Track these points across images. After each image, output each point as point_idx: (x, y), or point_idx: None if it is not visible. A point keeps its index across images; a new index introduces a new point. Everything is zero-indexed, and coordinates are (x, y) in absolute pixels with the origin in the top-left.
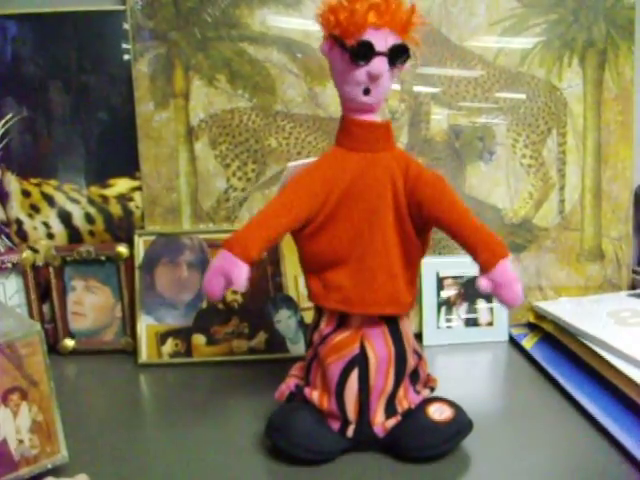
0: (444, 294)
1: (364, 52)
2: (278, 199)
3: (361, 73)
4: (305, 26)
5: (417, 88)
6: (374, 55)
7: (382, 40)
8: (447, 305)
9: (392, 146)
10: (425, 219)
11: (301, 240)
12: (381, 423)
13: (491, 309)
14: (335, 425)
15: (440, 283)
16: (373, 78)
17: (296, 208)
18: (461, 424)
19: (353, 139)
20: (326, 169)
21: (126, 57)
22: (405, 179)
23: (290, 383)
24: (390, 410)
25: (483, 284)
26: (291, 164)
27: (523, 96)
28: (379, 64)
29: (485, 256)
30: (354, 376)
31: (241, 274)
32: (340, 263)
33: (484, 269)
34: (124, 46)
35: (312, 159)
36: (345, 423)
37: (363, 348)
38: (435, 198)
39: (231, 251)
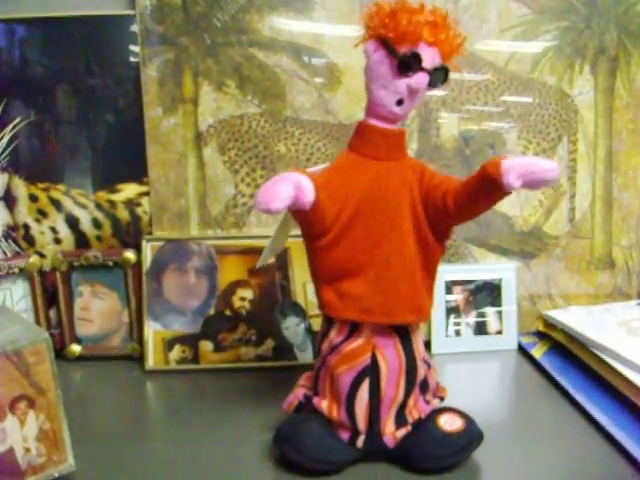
0: (453, 302)
1: (413, 64)
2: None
3: (402, 83)
4: (315, 31)
5: (427, 94)
6: (419, 69)
7: (430, 57)
8: (456, 313)
9: (406, 154)
10: (442, 211)
11: (317, 250)
12: (391, 433)
13: (500, 317)
14: (345, 435)
15: (449, 291)
16: (412, 91)
17: (327, 207)
18: (472, 435)
19: (371, 146)
20: (344, 175)
21: (134, 61)
22: (420, 184)
23: (298, 393)
24: (400, 420)
25: (511, 181)
26: (310, 170)
27: (534, 103)
28: (421, 79)
29: (489, 171)
30: (365, 386)
31: (311, 187)
32: (358, 272)
33: (497, 177)
34: (132, 49)
35: (324, 165)
36: (355, 433)
37: (374, 358)
38: (444, 181)
39: (297, 172)
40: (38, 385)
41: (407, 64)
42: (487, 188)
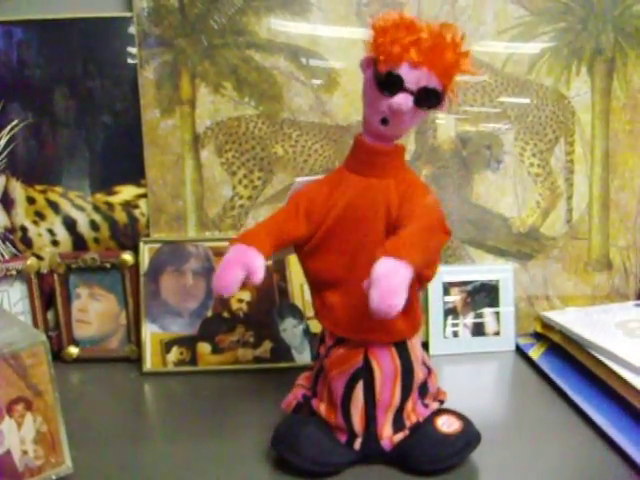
0: (450, 303)
1: (391, 85)
2: (284, 207)
3: (383, 103)
4: (312, 33)
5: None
6: (400, 90)
7: (414, 79)
8: (453, 314)
9: (398, 171)
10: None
11: (302, 257)
12: (388, 437)
13: (497, 318)
14: (342, 438)
15: (446, 292)
16: (393, 112)
17: (301, 216)
18: (470, 436)
19: (357, 162)
20: (328, 188)
21: (131, 63)
22: (399, 209)
23: (297, 393)
24: (398, 424)
25: (365, 282)
26: (298, 179)
27: (531, 104)
28: (403, 101)
29: (379, 252)
30: (359, 389)
31: (261, 265)
32: (334, 284)
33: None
34: (129, 51)
35: (319, 177)
36: (352, 436)
37: (367, 361)
38: (405, 215)
39: (245, 242)
40: (35, 387)
41: (385, 84)
42: None
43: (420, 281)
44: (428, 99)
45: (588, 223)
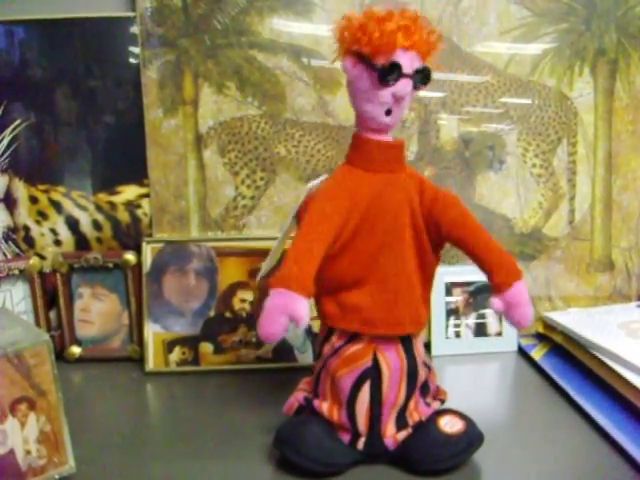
0: (452, 304)
1: (393, 73)
2: (312, 225)
3: (387, 94)
4: (315, 33)
5: (427, 97)
6: (401, 76)
7: (409, 62)
8: (456, 315)
9: (405, 166)
10: (444, 239)
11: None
12: (392, 436)
13: (500, 319)
14: (345, 437)
15: (449, 292)
16: (398, 99)
17: (331, 231)
18: (472, 437)
19: (371, 160)
20: (347, 191)
21: (134, 62)
22: (421, 199)
23: (299, 396)
24: (401, 422)
25: (497, 305)
26: (310, 185)
27: (533, 105)
28: (405, 86)
29: (501, 277)
30: (366, 389)
31: (306, 310)
32: (360, 284)
33: (499, 290)
34: (132, 51)
35: (325, 176)
36: (356, 435)
37: (376, 361)
38: (457, 221)
39: (289, 288)
40: (39, 387)
41: (388, 75)
42: (485, 276)
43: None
44: (422, 80)
45: (590, 224)
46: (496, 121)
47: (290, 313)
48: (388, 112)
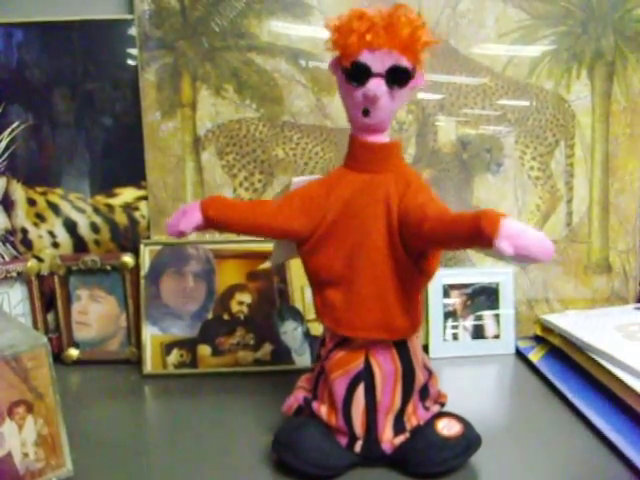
0: (450, 306)
1: (357, 74)
2: (277, 199)
3: (358, 94)
4: (313, 36)
5: (425, 99)
6: (370, 77)
7: (379, 61)
8: (453, 317)
9: (397, 166)
10: (411, 232)
11: (303, 255)
12: (389, 440)
13: (497, 321)
14: (343, 440)
15: (446, 295)
16: (369, 100)
17: (295, 211)
18: (470, 439)
19: (355, 159)
20: (326, 186)
21: (132, 65)
22: (400, 201)
23: (298, 396)
24: (398, 427)
25: (503, 248)
26: (296, 179)
27: (531, 107)
28: (375, 86)
29: (487, 220)
30: (360, 392)
31: (193, 217)
32: (335, 282)
33: (493, 233)
34: (130, 53)
35: (317, 176)
36: (353, 439)
37: (368, 364)
38: (415, 201)
39: (201, 202)
40: (36, 390)
41: (351, 75)
42: (474, 238)
43: (425, 275)
44: (398, 78)
45: (588, 226)
46: (494, 124)
47: (185, 213)
48: (365, 112)
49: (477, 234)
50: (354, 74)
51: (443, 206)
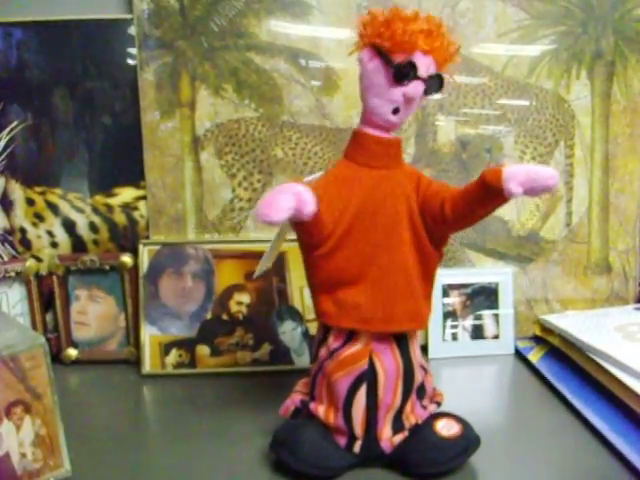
0: (450, 306)
1: (409, 72)
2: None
3: (397, 92)
4: (312, 35)
5: (424, 99)
6: (415, 78)
7: (425, 66)
8: (453, 317)
9: (401, 163)
10: (435, 220)
11: (316, 260)
12: (388, 439)
13: (497, 321)
14: (342, 440)
15: (446, 295)
16: (408, 100)
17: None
18: (469, 440)
19: (367, 155)
20: (341, 185)
21: (131, 64)
22: (417, 194)
23: (295, 399)
24: (397, 425)
25: (512, 188)
26: (305, 180)
27: (531, 107)
28: (417, 88)
29: (488, 179)
30: (362, 392)
31: (312, 198)
32: (357, 281)
33: (498, 185)
34: (129, 52)
35: (320, 173)
36: (352, 439)
37: (372, 363)
38: (431, 190)
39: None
40: (34, 390)
41: (403, 73)
42: (487, 196)
43: (441, 257)
44: (434, 86)
45: (588, 226)
46: (493, 123)
47: (297, 194)
48: (395, 111)
49: (487, 190)
50: (405, 72)
51: (453, 187)
